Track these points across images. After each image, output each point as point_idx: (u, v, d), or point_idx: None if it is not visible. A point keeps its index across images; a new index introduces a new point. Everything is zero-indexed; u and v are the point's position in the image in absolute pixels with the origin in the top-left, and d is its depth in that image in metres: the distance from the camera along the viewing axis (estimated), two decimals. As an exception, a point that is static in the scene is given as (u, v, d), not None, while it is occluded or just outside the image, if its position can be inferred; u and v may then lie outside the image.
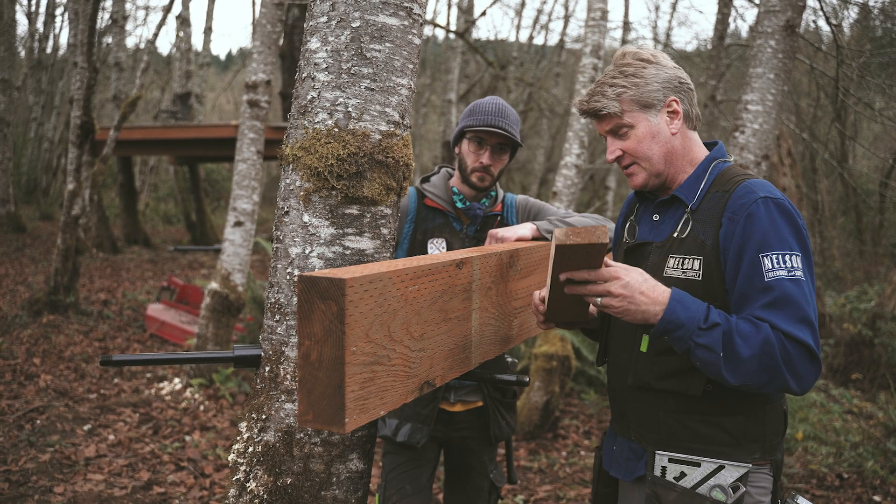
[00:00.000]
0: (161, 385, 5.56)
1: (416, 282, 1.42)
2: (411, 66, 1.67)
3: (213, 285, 5.66)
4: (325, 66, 1.59)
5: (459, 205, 2.44)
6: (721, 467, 1.57)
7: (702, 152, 1.75)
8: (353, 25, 1.58)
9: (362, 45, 1.58)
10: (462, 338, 1.65)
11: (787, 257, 1.52)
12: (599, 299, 1.50)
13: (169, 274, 11.40)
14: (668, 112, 1.70)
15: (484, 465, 2.54)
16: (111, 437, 4.40)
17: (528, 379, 1.75)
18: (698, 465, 1.58)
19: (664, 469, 1.60)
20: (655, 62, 1.71)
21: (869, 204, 12.81)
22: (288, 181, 1.64)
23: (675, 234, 1.68)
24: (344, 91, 1.59)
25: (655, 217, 1.76)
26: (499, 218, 2.51)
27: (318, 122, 1.59)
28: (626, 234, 1.85)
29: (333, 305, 1.22)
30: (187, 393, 5.36)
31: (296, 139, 1.62)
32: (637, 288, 1.48)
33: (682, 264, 1.63)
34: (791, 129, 9.42)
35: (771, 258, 1.52)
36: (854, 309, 8.94)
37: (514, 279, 1.91)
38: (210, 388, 5.45)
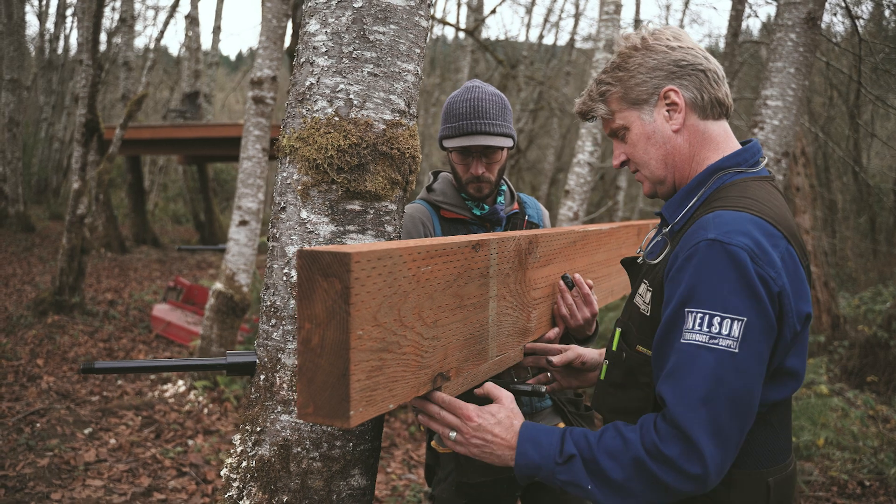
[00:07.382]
0: (165, 387, 5.46)
1: (430, 262, 1.30)
2: (418, 51, 1.55)
3: (218, 286, 5.55)
4: (324, 49, 1.47)
5: (478, 211, 2.17)
6: None
7: (715, 153, 1.44)
8: (355, 6, 1.46)
9: (365, 26, 1.46)
10: (478, 327, 1.52)
11: (714, 320, 1.21)
12: (453, 434, 1.38)
13: (176, 274, 11.33)
14: (667, 105, 1.42)
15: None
16: (112, 441, 4.30)
17: (544, 388, 1.61)
18: None
19: None
20: (644, 47, 1.43)
21: (883, 203, 12.63)
22: (285, 174, 1.52)
23: (652, 257, 1.47)
24: (345, 77, 1.47)
25: (665, 229, 1.53)
26: (525, 218, 2.27)
27: (317, 110, 1.47)
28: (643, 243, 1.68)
29: (337, 283, 1.10)
30: (191, 395, 5.26)
31: (293, 129, 1.50)
32: (489, 430, 1.35)
33: (645, 294, 1.42)
34: (805, 128, 9.26)
35: (695, 316, 1.23)
36: (869, 310, 8.82)
37: (533, 267, 1.77)
38: (214, 390, 5.35)
